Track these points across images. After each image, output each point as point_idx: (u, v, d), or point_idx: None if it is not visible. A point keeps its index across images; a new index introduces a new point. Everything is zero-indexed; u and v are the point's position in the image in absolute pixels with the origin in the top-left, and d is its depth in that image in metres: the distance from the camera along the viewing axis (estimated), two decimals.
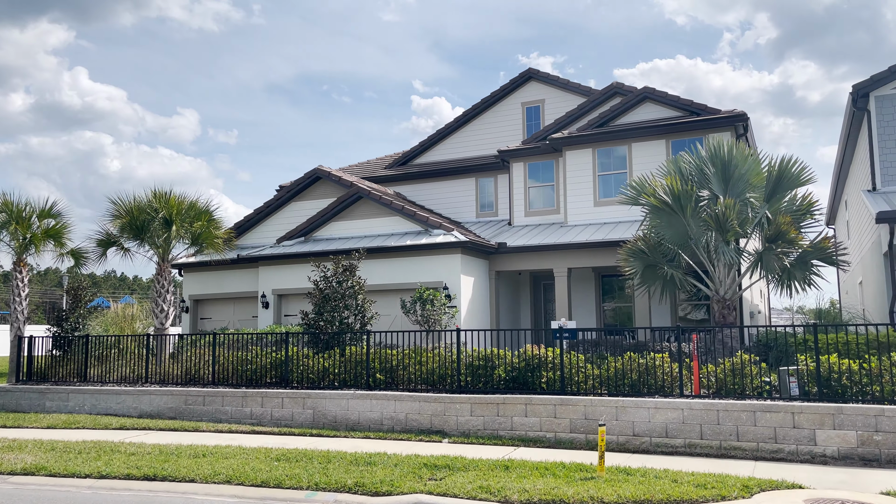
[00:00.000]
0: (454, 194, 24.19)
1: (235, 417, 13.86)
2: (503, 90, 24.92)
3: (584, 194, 20.86)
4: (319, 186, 21.91)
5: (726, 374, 11.00)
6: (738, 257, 14.25)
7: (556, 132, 21.67)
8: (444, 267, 18.60)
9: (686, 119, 19.79)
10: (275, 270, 20.66)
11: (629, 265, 15.28)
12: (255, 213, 22.48)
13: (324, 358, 14.27)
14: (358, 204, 20.56)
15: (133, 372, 15.96)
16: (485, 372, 12.53)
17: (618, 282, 21.10)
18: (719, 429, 10.29)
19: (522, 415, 11.53)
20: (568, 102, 23.84)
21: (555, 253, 19.29)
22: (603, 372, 11.76)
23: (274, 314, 20.46)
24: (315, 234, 21.01)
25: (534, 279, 22.17)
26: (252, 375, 14.64)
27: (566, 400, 11.31)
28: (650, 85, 19.98)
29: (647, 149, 20.30)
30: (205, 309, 22.76)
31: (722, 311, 15.03)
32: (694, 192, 14.57)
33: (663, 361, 11.48)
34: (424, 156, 25.99)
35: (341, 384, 13.73)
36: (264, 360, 14.64)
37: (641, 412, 10.78)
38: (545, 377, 12.07)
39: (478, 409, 11.88)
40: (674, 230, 14.92)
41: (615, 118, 21.10)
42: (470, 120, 25.39)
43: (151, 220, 17.38)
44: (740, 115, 19.17)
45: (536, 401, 11.50)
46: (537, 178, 22.27)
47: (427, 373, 13.08)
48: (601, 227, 19.78)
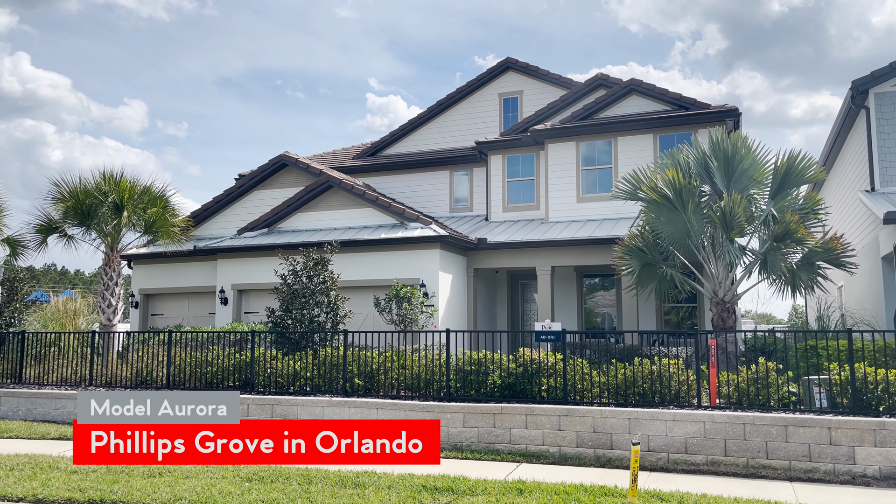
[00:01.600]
0: (426, 188, 22.92)
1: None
2: (479, 80, 23.76)
3: (567, 189, 19.83)
4: (285, 174, 20.40)
5: (749, 382, 10.00)
6: (741, 256, 13.34)
7: (538, 124, 20.61)
8: (421, 263, 17.33)
9: (675, 113, 18.93)
10: (235, 264, 19.07)
11: (625, 264, 14.25)
12: (214, 202, 20.83)
13: (294, 360, 12.86)
14: (328, 194, 19.12)
15: (75, 373, 14.28)
16: (477, 378, 11.32)
17: (601, 282, 20.15)
18: (746, 445, 9.28)
19: (522, 426, 10.35)
20: (547, 94, 22.81)
21: (538, 250, 18.20)
22: (610, 379, 10.66)
23: (233, 311, 18.88)
24: (280, 225, 19.49)
25: (511, 278, 21.06)
26: (213, 379, 13.14)
27: (573, 411, 10.17)
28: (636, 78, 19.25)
29: (634, 143, 19.39)
30: (156, 304, 21.02)
31: (721, 314, 14.09)
32: (698, 186, 13.62)
33: (678, 368, 10.45)
34: (394, 147, 24.66)
35: (314, 389, 12.35)
36: (227, 361, 13.15)
37: (658, 425, 9.70)
38: (545, 384, 10.92)
39: (472, 420, 10.66)
40: (674, 227, 13.94)
41: (600, 111, 20.13)
42: (444, 110, 24.16)
43: (100, 205, 15.67)
44: (731, 110, 18.40)
45: (539, 411, 10.33)
46: (517, 171, 21.17)
47: (412, 378, 11.80)
48: (585, 224, 18.77)
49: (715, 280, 14.12)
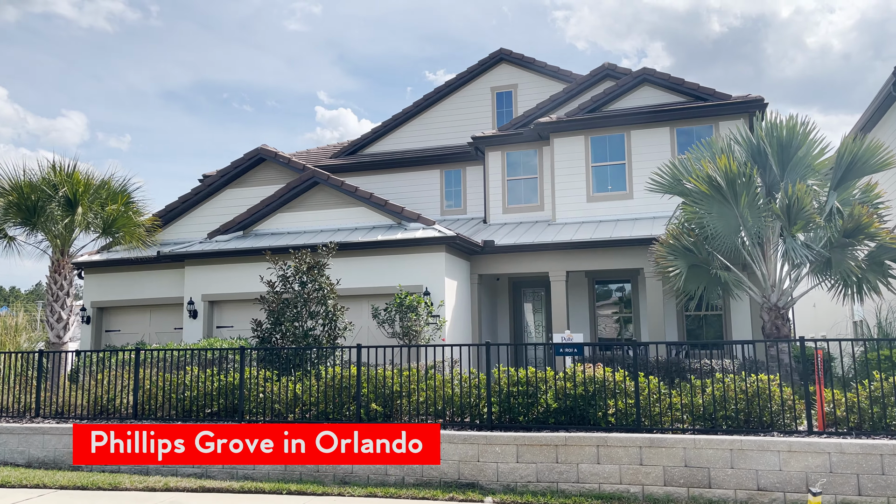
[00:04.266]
0: (414, 188, 20.89)
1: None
2: (470, 72, 21.90)
3: (576, 188, 18.06)
4: (262, 171, 18.11)
5: (872, 400, 8.24)
6: (807, 255, 11.68)
7: (540, 118, 18.84)
8: (424, 268, 15.27)
9: (695, 104, 17.36)
10: (206, 271, 16.69)
11: (671, 265, 12.46)
12: (179, 202, 18.38)
13: (293, 382, 10.66)
14: (313, 191, 16.92)
15: (18, 401, 11.79)
16: (524, 401, 9.32)
17: (615, 288, 18.40)
18: (885, 481, 7.49)
19: (593, 460, 8.38)
20: (544, 88, 21.09)
21: (552, 254, 16.33)
22: (696, 400, 8.78)
23: (204, 325, 16.46)
24: (258, 227, 17.19)
25: (513, 285, 19.15)
26: (191, 406, 10.83)
27: (658, 440, 8.25)
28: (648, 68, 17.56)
29: (649, 137, 17.75)
30: (112, 319, 18.41)
31: (774, 322, 12.42)
32: (755, 175, 11.93)
33: (776, 386, 8.64)
34: (376, 145, 22.59)
35: (319, 416, 10.17)
36: (209, 384, 10.86)
37: (769, 458, 7.85)
38: (612, 408, 8.99)
39: (528, 453, 8.64)
40: (724, 222, 12.24)
41: (608, 103, 18.47)
42: (431, 105, 22.21)
43: (49, 200, 13.20)
44: (756, 100, 16.91)
45: (614, 441, 8.38)
46: (518, 169, 19.34)
47: (442, 402, 9.73)
48: (599, 226, 17.00)
49: (765, 283, 12.48)
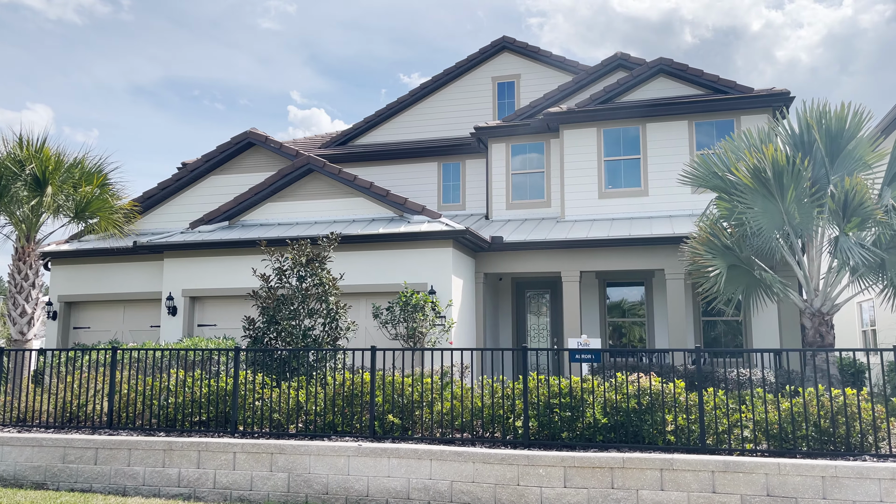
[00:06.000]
0: (411, 181, 19.61)
1: (153, 484, 8.64)
2: (470, 61, 20.72)
3: (587, 183, 16.95)
4: (250, 156, 16.70)
5: None
6: (865, 256, 10.66)
7: (548, 108, 17.71)
8: (430, 264, 14.02)
9: (717, 97, 16.36)
10: (187, 264, 15.23)
11: (710, 264, 11.36)
12: (159, 189, 16.88)
13: (294, 388, 9.33)
14: (307, 179, 15.56)
15: None
16: (567, 414, 8.11)
17: (628, 291, 17.31)
18: None
19: (656, 486, 7.20)
20: (548, 79, 20.00)
21: (564, 252, 15.20)
22: (771, 416, 7.65)
23: (184, 323, 15.00)
24: (245, 217, 15.77)
25: (516, 287, 17.96)
26: (176, 414, 9.44)
27: (734, 464, 7.08)
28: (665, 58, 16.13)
29: (666, 130, 16.72)
30: (81, 315, 16.83)
31: (818, 329, 11.41)
32: (807, 167, 10.87)
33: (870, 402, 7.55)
34: (368, 136, 21.27)
35: (326, 429, 8.85)
36: (197, 390, 9.48)
37: (868, 487, 6.74)
38: (670, 424, 7.83)
39: (577, 477, 7.43)
40: (769, 218, 11.19)
41: (622, 94, 17.42)
42: (428, 95, 20.97)
43: (14, 179, 11.70)
44: (782, 93, 15.96)
45: (681, 464, 7.20)
46: (523, 163, 18.18)
47: (472, 413, 8.48)
48: (613, 223, 15.92)
49: (808, 285, 11.47)
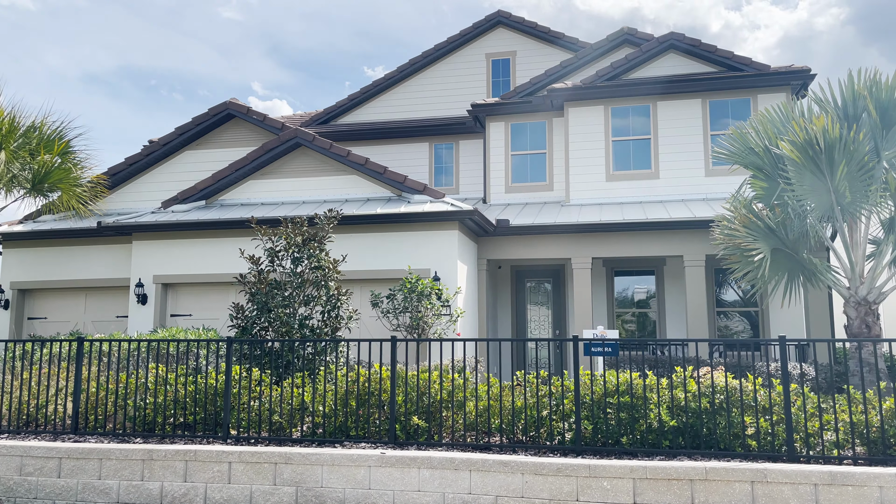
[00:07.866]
0: (400, 162, 18.17)
1: (129, 500, 7.22)
2: (463, 35, 19.46)
3: (594, 165, 15.84)
4: (229, 130, 15.19)
5: None
6: None
7: (551, 84, 16.55)
8: (433, 249, 12.74)
9: (733, 75, 15.37)
10: (159, 247, 13.69)
11: (754, 248, 10.28)
12: (126, 164, 15.24)
13: (298, 385, 7.99)
14: (294, 154, 14.12)
15: None
16: (626, 415, 6.93)
17: (636, 279, 16.24)
18: None
19: (746, 501, 6.05)
20: (546, 57, 18.84)
21: (573, 238, 14.08)
22: (872, 419, 6.57)
23: (156, 313, 13.47)
24: (224, 195, 14.28)
25: (516, 275, 16.78)
26: (156, 417, 8.02)
27: (839, 475, 5.98)
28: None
29: (678, 109, 15.69)
30: (37, 304, 15.14)
31: (864, 319, 10.46)
32: (862, 139, 9.85)
33: None
34: (353, 114, 19.89)
35: (338, 433, 7.54)
36: (181, 388, 8.08)
37: None
38: (750, 427, 6.70)
39: (650, 490, 6.25)
40: (817, 197, 10.17)
41: (630, 71, 16.32)
42: (417, 72, 19.65)
43: None
44: (802, 70, 15.04)
45: (776, 476, 6.07)
46: (524, 143, 16.98)
47: (513, 414, 7.24)
48: (623, 208, 14.84)
49: (853, 272, 10.50)
